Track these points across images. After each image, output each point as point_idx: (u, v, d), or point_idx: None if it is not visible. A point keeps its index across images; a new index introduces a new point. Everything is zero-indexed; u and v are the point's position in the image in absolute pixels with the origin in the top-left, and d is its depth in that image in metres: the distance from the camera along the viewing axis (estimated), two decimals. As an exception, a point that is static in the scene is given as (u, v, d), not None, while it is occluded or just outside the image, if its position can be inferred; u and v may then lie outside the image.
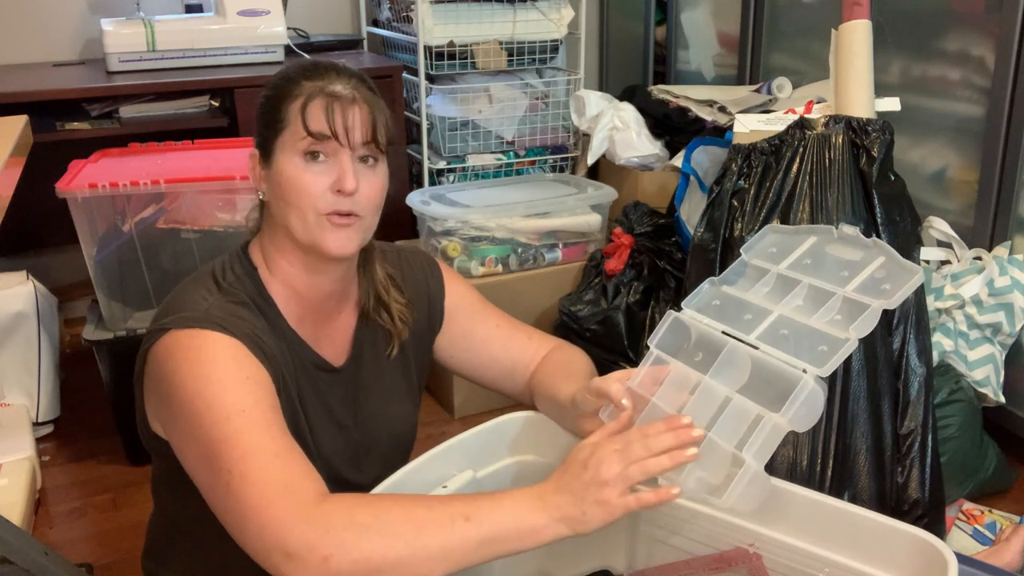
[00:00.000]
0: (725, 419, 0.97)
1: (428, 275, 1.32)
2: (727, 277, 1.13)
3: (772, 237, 1.15)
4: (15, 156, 1.35)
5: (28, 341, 2.28)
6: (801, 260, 1.09)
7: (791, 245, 1.12)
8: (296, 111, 1.07)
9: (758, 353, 0.99)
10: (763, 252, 1.14)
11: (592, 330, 2.36)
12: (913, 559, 0.97)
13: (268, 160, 1.11)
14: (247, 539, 0.92)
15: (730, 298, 1.10)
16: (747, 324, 1.03)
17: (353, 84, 1.10)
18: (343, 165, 1.07)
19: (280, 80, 1.11)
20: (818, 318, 0.99)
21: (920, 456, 1.68)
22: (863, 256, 1.04)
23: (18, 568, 1.34)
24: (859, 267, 1.03)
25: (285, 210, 1.10)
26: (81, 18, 2.85)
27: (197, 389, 0.99)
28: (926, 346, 1.72)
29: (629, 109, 2.78)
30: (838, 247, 1.08)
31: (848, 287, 1.00)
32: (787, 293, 1.06)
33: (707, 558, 1.11)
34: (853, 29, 1.78)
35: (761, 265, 1.11)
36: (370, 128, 1.09)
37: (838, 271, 1.04)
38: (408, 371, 1.29)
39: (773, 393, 0.94)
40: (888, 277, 0.99)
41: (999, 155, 2.01)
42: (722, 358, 1.01)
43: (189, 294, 1.09)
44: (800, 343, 0.97)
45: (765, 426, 0.93)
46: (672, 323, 1.09)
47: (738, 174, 1.83)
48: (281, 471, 0.94)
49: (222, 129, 2.57)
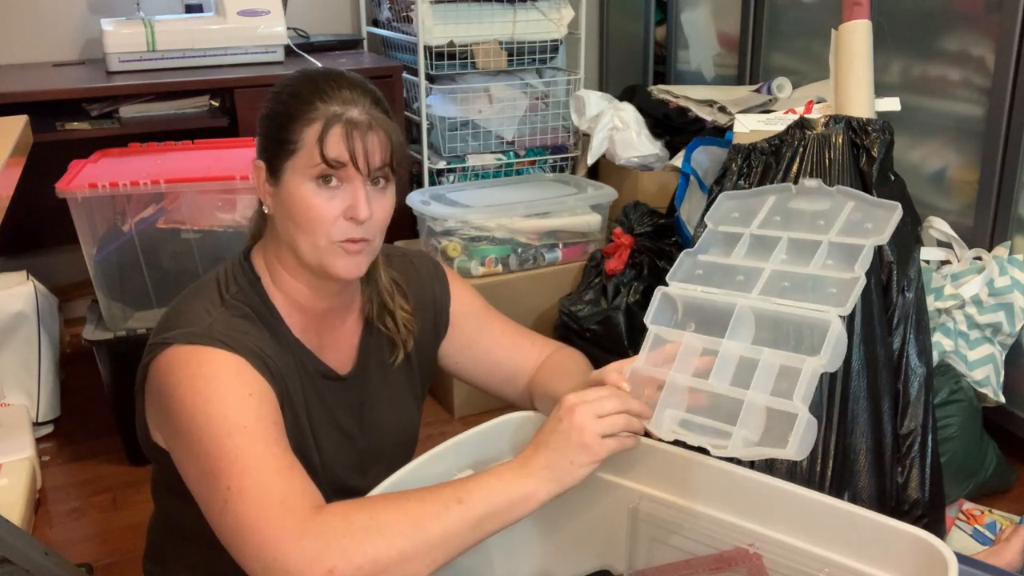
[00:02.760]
0: (759, 376, 0.97)
1: (434, 281, 1.31)
2: (700, 247, 1.13)
3: (730, 203, 1.15)
4: (15, 156, 1.35)
5: (28, 341, 2.28)
6: (770, 218, 1.09)
7: (753, 208, 1.12)
8: (312, 137, 1.04)
9: (767, 307, 0.99)
10: (727, 218, 1.14)
11: (592, 330, 2.36)
12: (913, 559, 0.97)
13: (276, 178, 1.08)
14: (246, 559, 0.93)
15: (712, 265, 1.10)
16: (743, 284, 1.03)
17: (368, 107, 1.07)
18: (356, 192, 1.06)
19: (290, 99, 1.07)
20: (813, 266, 1.00)
21: (920, 456, 1.68)
22: (831, 204, 1.05)
23: (18, 568, 1.34)
24: (832, 214, 1.04)
25: (294, 232, 1.08)
26: (81, 18, 2.85)
27: (198, 406, 0.99)
28: (926, 346, 1.72)
29: (629, 109, 2.78)
30: (802, 201, 1.08)
31: (831, 233, 1.01)
32: (769, 250, 1.06)
33: (707, 558, 1.11)
34: (853, 29, 1.78)
35: (731, 230, 1.11)
36: (388, 154, 1.07)
37: (812, 221, 1.04)
38: (412, 378, 1.28)
39: (794, 342, 0.96)
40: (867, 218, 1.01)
41: (999, 155, 2.01)
42: (734, 321, 1.01)
43: (192, 307, 1.09)
44: (805, 291, 0.98)
45: (807, 370, 0.94)
46: (662, 299, 1.09)
47: (738, 174, 1.83)
48: (279, 488, 0.94)
49: (222, 129, 2.57)
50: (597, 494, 1.19)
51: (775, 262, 1.05)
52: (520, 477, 0.98)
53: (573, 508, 1.22)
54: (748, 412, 0.97)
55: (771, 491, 1.06)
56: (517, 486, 0.97)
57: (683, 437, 1.02)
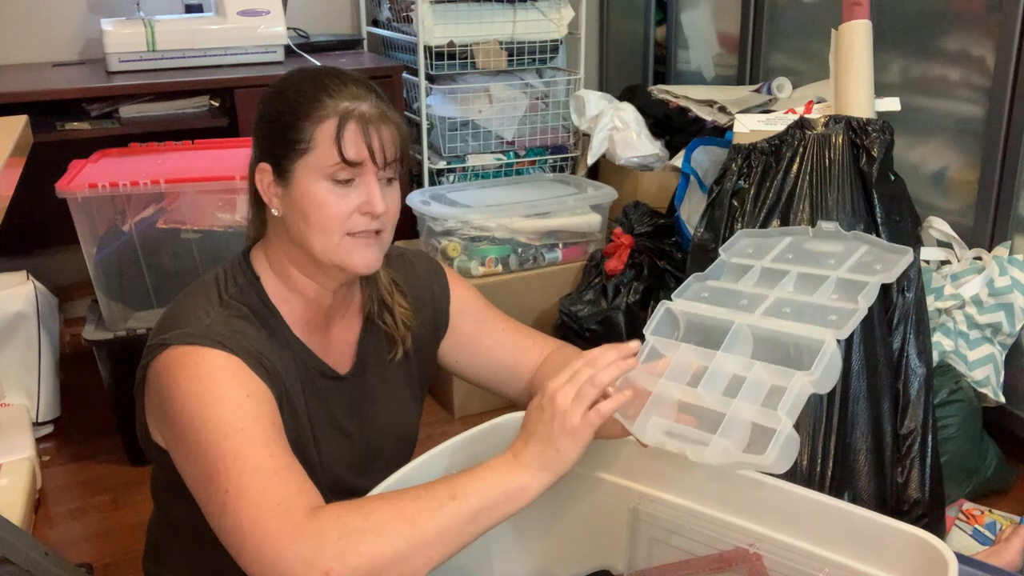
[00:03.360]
0: (747, 388, 0.98)
1: (433, 279, 1.31)
2: (710, 273, 1.14)
3: (746, 240, 1.16)
4: (15, 156, 1.35)
5: (28, 341, 2.28)
6: (783, 255, 1.10)
7: (768, 245, 1.13)
8: (326, 135, 1.04)
9: (765, 329, 0.99)
10: (741, 252, 1.15)
11: (592, 330, 2.36)
12: (913, 559, 0.97)
13: (285, 178, 1.08)
14: (244, 560, 0.93)
15: (719, 289, 1.10)
16: (745, 308, 1.04)
17: (374, 100, 1.07)
18: (371, 187, 1.07)
19: (295, 95, 1.07)
20: (817, 296, 1.00)
21: (920, 456, 1.68)
22: (845, 248, 1.06)
23: (18, 568, 1.34)
24: (844, 255, 1.05)
25: (307, 231, 1.08)
26: (81, 18, 2.85)
27: (196, 408, 0.99)
28: (926, 346, 1.72)
29: (629, 109, 2.78)
30: (817, 243, 1.09)
31: (840, 270, 1.01)
32: (776, 282, 1.06)
33: (707, 558, 1.11)
34: (853, 29, 1.78)
35: (743, 262, 1.12)
36: (397, 147, 1.08)
37: (823, 260, 1.05)
38: (412, 376, 1.28)
39: (788, 362, 0.96)
40: (877, 259, 1.01)
41: (999, 155, 2.01)
42: (730, 336, 1.02)
43: (190, 307, 1.09)
44: (805, 318, 0.98)
45: (795, 385, 0.95)
46: (664, 313, 1.09)
47: (738, 174, 1.83)
48: (277, 490, 0.94)
49: (222, 129, 2.57)
50: (597, 494, 1.19)
51: (781, 290, 1.05)
52: (512, 470, 0.98)
53: (573, 508, 1.22)
54: (731, 423, 0.97)
55: (771, 491, 1.07)
56: (510, 479, 0.97)
57: (665, 445, 1.02)
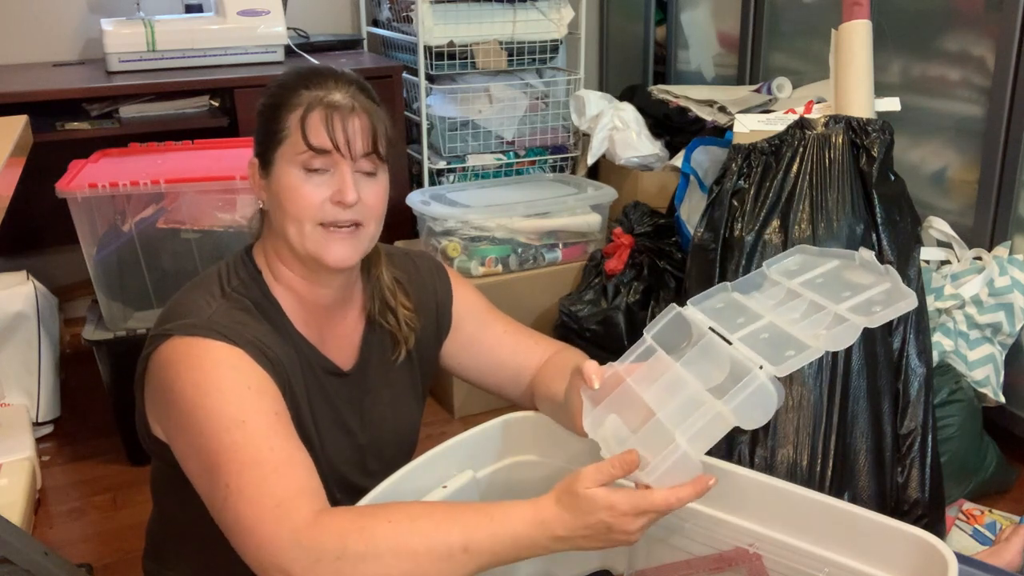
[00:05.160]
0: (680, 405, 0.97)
1: (436, 280, 1.31)
2: (740, 285, 1.14)
3: (798, 257, 1.16)
4: (15, 156, 1.35)
5: (28, 341, 2.28)
6: (814, 280, 1.10)
7: (811, 265, 1.13)
8: (296, 122, 1.06)
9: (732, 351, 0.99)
10: (784, 268, 1.15)
11: (592, 330, 2.36)
12: (913, 559, 0.97)
13: (268, 169, 1.10)
14: (247, 555, 0.93)
15: (735, 303, 1.10)
16: (736, 326, 1.04)
17: (352, 92, 1.08)
18: (343, 176, 1.07)
19: (278, 88, 1.10)
20: (801, 328, 1.00)
21: (920, 456, 1.68)
22: (869, 281, 1.05)
23: (18, 568, 1.34)
24: (860, 290, 1.04)
25: (283, 220, 1.09)
26: (81, 18, 2.85)
27: (197, 400, 0.99)
28: (926, 346, 1.72)
29: (629, 109, 2.78)
30: (853, 272, 1.09)
31: (842, 305, 1.01)
32: (784, 305, 1.07)
33: (707, 558, 1.11)
34: (853, 29, 1.79)
35: (776, 278, 1.12)
36: (370, 138, 1.08)
37: (842, 291, 1.04)
38: (414, 376, 1.28)
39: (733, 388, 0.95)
40: (883, 301, 1.00)
41: (999, 155, 2.01)
42: (697, 349, 1.01)
43: (193, 299, 1.09)
44: (773, 347, 0.98)
45: (707, 412, 0.93)
46: (674, 317, 1.09)
47: (738, 174, 1.83)
48: (276, 487, 0.94)
49: (222, 129, 2.57)
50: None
51: (780, 316, 1.05)
52: (534, 534, 0.95)
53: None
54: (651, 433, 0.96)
55: (771, 491, 1.07)
56: (528, 544, 0.95)
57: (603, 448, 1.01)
